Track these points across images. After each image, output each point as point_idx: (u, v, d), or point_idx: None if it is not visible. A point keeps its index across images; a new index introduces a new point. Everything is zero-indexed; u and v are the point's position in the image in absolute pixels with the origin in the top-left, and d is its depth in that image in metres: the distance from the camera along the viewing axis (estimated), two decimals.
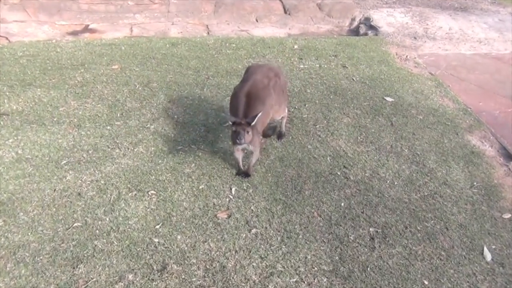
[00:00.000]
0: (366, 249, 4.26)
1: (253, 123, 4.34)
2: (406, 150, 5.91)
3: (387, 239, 4.41)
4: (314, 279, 3.90)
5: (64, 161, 5.23)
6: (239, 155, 4.99)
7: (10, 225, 4.29)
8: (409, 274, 4.01)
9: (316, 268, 4.02)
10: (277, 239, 4.32)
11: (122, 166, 5.23)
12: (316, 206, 4.80)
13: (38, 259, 3.95)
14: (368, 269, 4.04)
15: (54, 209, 4.52)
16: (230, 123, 4.40)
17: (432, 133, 6.31)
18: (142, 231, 4.31)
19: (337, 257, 4.15)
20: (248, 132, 4.34)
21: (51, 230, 4.27)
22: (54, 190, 4.77)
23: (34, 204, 4.56)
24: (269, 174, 5.27)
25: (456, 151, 5.94)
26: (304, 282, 3.87)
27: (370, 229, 4.52)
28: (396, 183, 5.27)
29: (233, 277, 3.90)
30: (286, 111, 5.58)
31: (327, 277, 3.93)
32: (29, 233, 4.21)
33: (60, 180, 4.92)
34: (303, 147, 5.82)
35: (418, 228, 4.60)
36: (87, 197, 4.70)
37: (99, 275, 3.82)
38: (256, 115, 4.34)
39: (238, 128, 4.33)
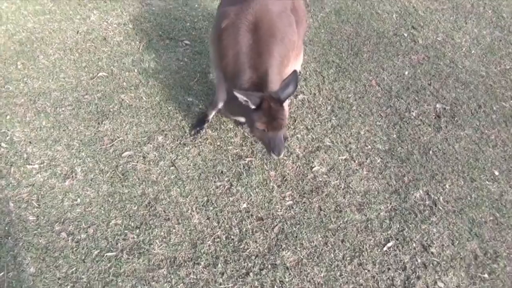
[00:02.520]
0: (430, 129, 3.58)
1: (287, 101, 2.76)
2: (489, 11, 4.81)
3: (455, 118, 3.69)
4: (367, 158, 3.33)
5: None
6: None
7: (30, 69, 3.76)
8: (477, 162, 3.38)
9: (369, 146, 3.42)
10: (326, 108, 3.67)
11: (153, 8, 4.43)
12: (375, 73, 4.02)
13: (60, 110, 3.48)
14: (430, 152, 3.42)
15: (77, 54, 3.92)
16: (252, 106, 2.65)
17: None
18: (174, 88, 3.71)
19: (394, 135, 3.51)
20: (284, 119, 2.77)
21: (73, 78, 3.72)
22: (77, 32, 4.11)
23: (55, 47, 3.96)
24: (322, 30, 4.40)
25: None
26: (354, 161, 3.31)
27: (437, 106, 3.78)
28: (473, 51, 4.34)
29: None
30: (301, 59, 3.48)
31: (381, 158, 3.35)
32: (50, 80, 3.69)
33: (84, 20, 4.22)
34: None
35: (494, 108, 3.82)
36: (114, 43, 4.04)
37: (126, 134, 3.36)
38: (295, 84, 2.65)
39: (272, 128, 2.73)
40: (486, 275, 2.77)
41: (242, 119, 2.99)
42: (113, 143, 3.29)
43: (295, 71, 2.70)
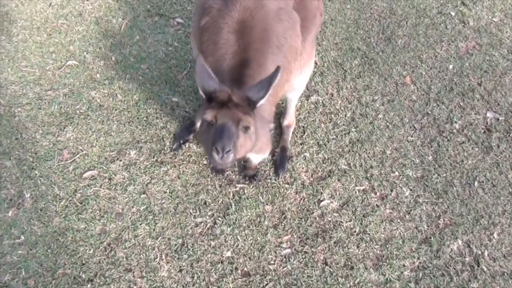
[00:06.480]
0: (477, 149, 2.66)
1: (260, 103, 1.85)
2: None
3: (511, 134, 2.72)
4: (392, 190, 2.47)
5: None
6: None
7: None
8: None
9: (396, 173, 2.54)
10: (345, 116, 2.77)
11: None
12: (411, 67, 3.05)
13: (16, 111, 2.82)
14: (476, 183, 2.53)
15: (45, 35, 3.19)
16: (203, 96, 1.85)
17: None
18: (158, 82, 2.93)
19: (430, 157, 2.61)
20: (247, 128, 1.85)
21: (37, 67, 3.04)
22: (50, 4, 3.28)
23: (20, 25, 3.22)
24: (348, 6, 3.39)
25: None
26: (375, 194, 2.46)
27: (488, 115, 2.83)
28: None
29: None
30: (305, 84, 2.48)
31: (410, 189, 2.48)
32: (9, 69, 3.04)
33: None
34: None
35: None
36: (91, 20, 3.23)
37: (91, 146, 2.67)
38: (271, 81, 1.78)
39: (222, 115, 1.80)
40: None
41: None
42: (75, 158, 2.53)
43: (277, 71, 1.80)
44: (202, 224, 2.36)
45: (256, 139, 1.94)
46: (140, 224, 2.34)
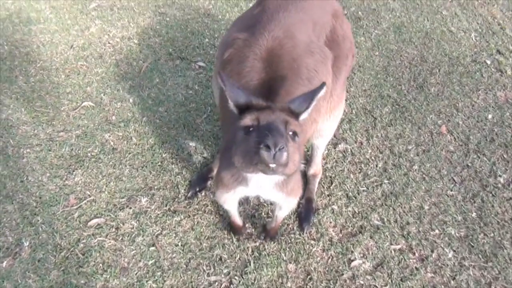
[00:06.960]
0: None
1: (303, 117, 1.57)
2: None
3: None
4: (432, 251, 2.15)
5: (93, 4, 3.51)
6: (232, 205, 2.05)
7: (2, 93, 2.87)
8: None
9: (436, 231, 2.23)
10: (376, 166, 2.50)
11: (167, 19, 3.48)
12: (446, 116, 2.81)
13: (25, 152, 2.66)
14: None
15: (64, 76, 3.08)
16: (236, 110, 1.55)
17: None
18: (175, 126, 2.73)
19: (474, 214, 2.30)
20: (295, 134, 1.49)
21: (52, 108, 2.90)
22: (71, 46, 3.20)
23: (39, 66, 3.11)
24: (377, 53, 3.21)
25: None
26: (413, 254, 2.14)
27: None
28: None
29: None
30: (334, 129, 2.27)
31: (454, 250, 2.16)
32: (23, 109, 2.91)
33: (82, 32, 3.30)
34: (435, 12, 3.59)
35: None
36: (111, 63, 3.10)
37: (100, 192, 2.47)
38: (315, 93, 1.53)
39: (266, 116, 1.46)
40: None
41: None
42: (81, 204, 2.30)
43: (323, 83, 1.56)
44: (217, 283, 2.07)
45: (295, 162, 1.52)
46: (147, 281, 2.06)
